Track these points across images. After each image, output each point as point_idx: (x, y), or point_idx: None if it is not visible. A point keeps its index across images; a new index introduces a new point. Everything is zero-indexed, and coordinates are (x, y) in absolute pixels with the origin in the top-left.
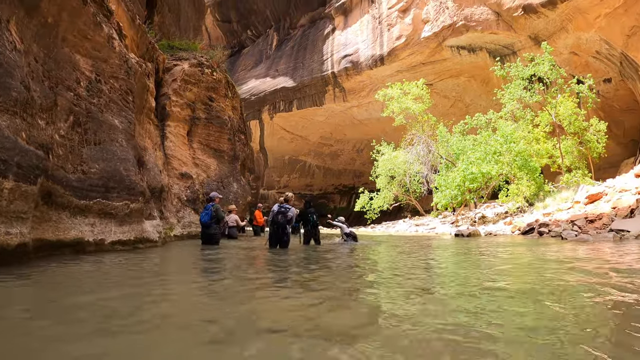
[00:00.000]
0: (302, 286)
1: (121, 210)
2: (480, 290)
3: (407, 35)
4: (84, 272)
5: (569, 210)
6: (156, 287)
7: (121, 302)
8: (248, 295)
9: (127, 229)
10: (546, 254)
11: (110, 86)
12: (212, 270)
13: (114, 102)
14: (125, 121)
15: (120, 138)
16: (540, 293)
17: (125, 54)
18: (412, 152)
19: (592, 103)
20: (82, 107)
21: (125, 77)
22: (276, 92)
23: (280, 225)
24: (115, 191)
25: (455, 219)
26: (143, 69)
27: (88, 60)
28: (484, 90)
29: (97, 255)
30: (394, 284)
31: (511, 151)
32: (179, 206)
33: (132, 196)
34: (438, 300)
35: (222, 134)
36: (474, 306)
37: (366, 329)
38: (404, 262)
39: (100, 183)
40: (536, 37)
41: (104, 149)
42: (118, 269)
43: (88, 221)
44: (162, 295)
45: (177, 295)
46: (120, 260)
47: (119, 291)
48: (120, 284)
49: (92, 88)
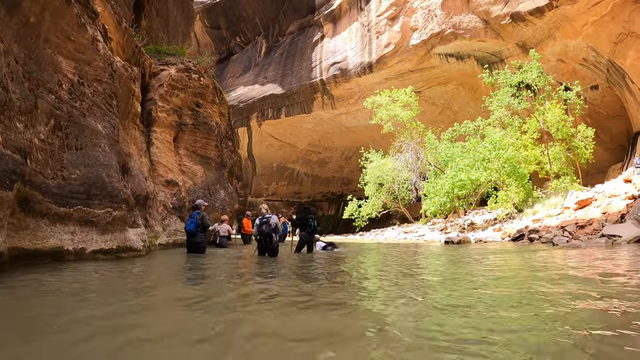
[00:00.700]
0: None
1: (103, 218)
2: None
3: (396, 43)
4: (53, 287)
5: (559, 216)
6: (132, 313)
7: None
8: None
9: (110, 238)
10: (546, 260)
11: (94, 89)
12: (197, 290)
13: (97, 106)
14: (108, 126)
15: (103, 143)
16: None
17: (110, 57)
18: (400, 159)
19: (579, 110)
20: (64, 111)
21: (109, 80)
22: (265, 99)
23: (267, 234)
24: (97, 198)
25: (444, 226)
26: (129, 73)
27: (71, 62)
28: (472, 98)
29: (77, 264)
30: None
31: (500, 158)
32: (164, 214)
33: (115, 203)
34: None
35: (209, 141)
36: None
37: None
38: (393, 276)
39: (81, 189)
40: (524, 45)
41: (85, 155)
42: (95, 281)
43: (68, 229)
44: (138, 316)
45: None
46: (98, 271)
47: (89, 310)
48: (91, 302)
49: (75, 91)
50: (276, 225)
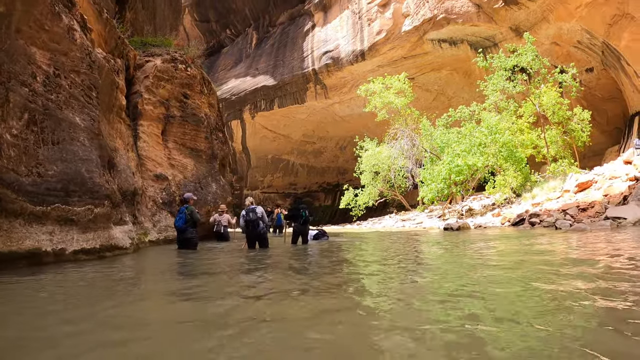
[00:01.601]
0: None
1: (84, 216)
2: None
3: (388, 30)
4: (22, 293)
5: (559, 200)
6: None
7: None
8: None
9: (92, 237)
10: (555, 246)
11: (71, 81)
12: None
13: (75, 98)
14: (87, 118)
15: (82, 137)
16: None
17: (88, 47)
18: (396, 146)
19: (575, 92)
20: (39, 104)
21: (87, 71)
22: (257, 91)
23: (253, 221)
24: (77, 195)
25: (442, 213)
26: (111, 65)
27: (45, 53)
28: (466, 83)
29: (56, 267)
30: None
31: (496, 142)
32: (154, 210)
33: (96, 200)
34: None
35: (199, 133)
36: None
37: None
38: (395, 273)
39: (59, 186)
40: (517, 29)
41: (63, 149)
42: (69, 286)
43: (46, 229)
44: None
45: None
46: (72, 274)
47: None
48: (56, 315)
49: (50, 83)
50: (262, 214)
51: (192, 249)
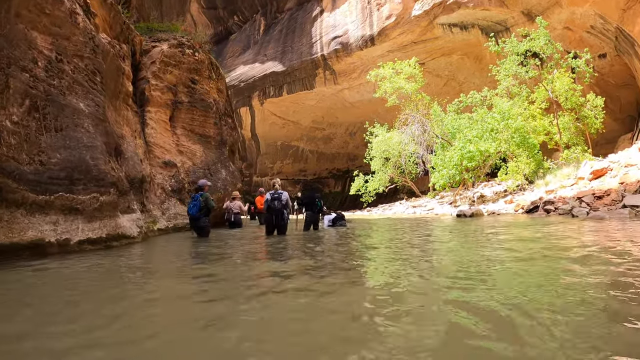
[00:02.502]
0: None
1: (89, 204)
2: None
3: (397, 14)
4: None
5: (573, 187)
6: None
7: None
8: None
9: (98, 226)
10: (584, 235)
11: (74, 66)
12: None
13: (78, 83)
14: (92, 104)
15: (87, 123)
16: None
17: (91, 31)
18: (406, 132)
19: (589, 78)
20: (40, 90)
21: (91, 55)
22: (265, 78)
23: (277, 211)
24: (81, 183)
25: (453, 199)
26: (116, 51)
27: (47, 38)
28: (477, 68)
29: (60, 258)
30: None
31: (509, 128)
32: (163, 197)
33: (102, 188)
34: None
35: (208, 118)
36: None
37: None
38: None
39: (62, 175)
40: (529, 13)
41: (66, 136)
42: (65, 280)
43: (49, 219)
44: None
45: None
46: (75, 265)
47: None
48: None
49: (52, 68)
50: (287, 201)
51: (205, 237)
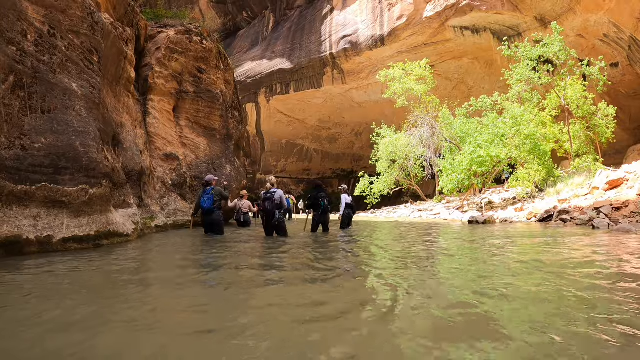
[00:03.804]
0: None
1: (76, 197)
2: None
3: (409, 15)
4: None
5: (587, 197)
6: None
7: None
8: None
9: (86, 222)
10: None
11: (69, 42)
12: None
13: (72, 61)
14: (86, 85)
15: (79, 106)
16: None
17: (91, 6)
18: (415, 134)
19: (602, 86)
20: (28, 66)
21: (88, 32)
22: (273, 75)
23: (269, 212)
24: (68, 172)
25: (460, 205)
26: (119, 33)
27: (40, 10)
28: (487, 73)
29: (37, 257)
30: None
31: (520, 134)
32: (163, 192)
33: (92, 179)
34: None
35: (213, 110)
36: None
37: None
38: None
39: (46, 162)
40: (542, 19)
41: (54, 119)
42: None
43: (29, 213)
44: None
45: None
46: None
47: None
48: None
49: (43, 43)
50: (281, 200)
51: (220, 234)
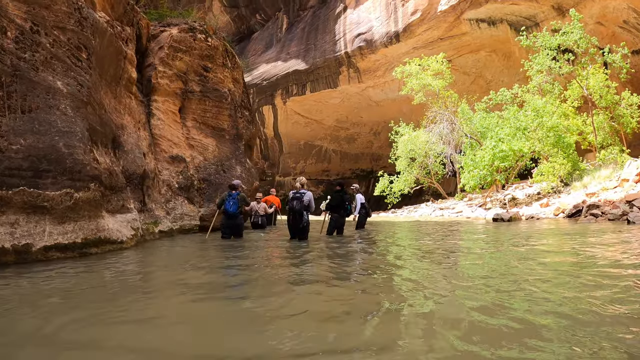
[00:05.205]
0: None
1: (60, 202)
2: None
3: (423, 10)
4: None
5: (617, 190)
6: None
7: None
8: None
9: (71, 228)
10: None
11: (54, 39)
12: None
13: (57, 58)
14: (73, 83)
15: (64, 105)
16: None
17: (78, 1)
18: (434, 131)
19: (625, 74)
20: (7, 63)
21: (76, 28)
22: (288, 76)
23: (297, 212)
24: (50, 175)
25: (483, 202)
26: (116, 31)
27: (21, 5)
28: (505, 66)
29: (8, 269)
30: None
31: (543, 126)
32: (168, 195)
33: (78, 182)
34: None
35: (222, 110)
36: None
37: None
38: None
39: (25, 165)
40: (560, 7)
41: (36, 119)
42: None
43: (6, 219)
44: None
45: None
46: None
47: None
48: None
49: (25, 40)
50: (309, 202)
51: (239, 237)
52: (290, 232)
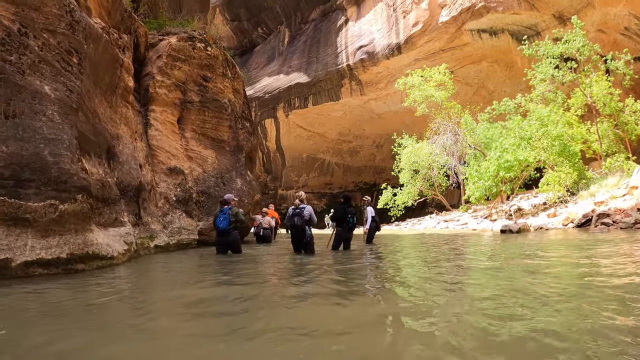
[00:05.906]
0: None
1: (43, 214)
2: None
3: (424, 22)
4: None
5: (626, 198)
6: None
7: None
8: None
9: (56, 242)
10: None
11: (43, 42)
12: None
13: (46, 62)
14: (62, 89)
15: (51, 111)
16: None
17: (70, 3)
18: (438, 142)
19: (629, 80)
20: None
21: (67, 31)
22: (290, 89)
23: (299, 227)
24: (34, 185)
25: (488, 213)
26: (112, 39)
27: (9, 7)
28: (507, 76)
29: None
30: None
31: (548, 135)
32: (166, 208)
33: (64, 193)
34: None
35: (221, 120)
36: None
37: None
38: None
39: (6, 173)
40: (561, 16)
41: (20, 125)
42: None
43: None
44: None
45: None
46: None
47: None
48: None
49: (12, 42)
50: (310, 216)
51: (237, 253)
52: (294, 247)
